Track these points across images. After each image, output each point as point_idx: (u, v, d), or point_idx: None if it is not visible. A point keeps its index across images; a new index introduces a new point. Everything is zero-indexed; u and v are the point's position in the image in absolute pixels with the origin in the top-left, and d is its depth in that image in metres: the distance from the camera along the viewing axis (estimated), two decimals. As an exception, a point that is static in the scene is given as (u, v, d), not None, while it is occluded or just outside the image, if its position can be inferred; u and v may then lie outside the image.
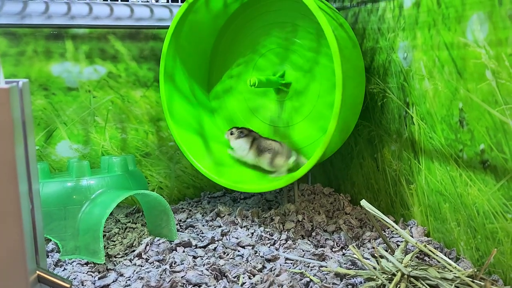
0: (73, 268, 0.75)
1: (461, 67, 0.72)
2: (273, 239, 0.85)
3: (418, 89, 0.82)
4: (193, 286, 0.69)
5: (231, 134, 0.98)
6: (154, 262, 0.77)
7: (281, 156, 0.93)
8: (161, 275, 0.71)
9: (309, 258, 0.78)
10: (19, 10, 0.97)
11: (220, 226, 0.92)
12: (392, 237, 0.85)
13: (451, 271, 0.67)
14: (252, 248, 0.82)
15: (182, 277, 0.71)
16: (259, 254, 0.79)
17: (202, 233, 0.90)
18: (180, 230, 0.92)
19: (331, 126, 0.81)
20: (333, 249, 0.82)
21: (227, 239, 0.86)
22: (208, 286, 0.69)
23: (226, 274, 0.72)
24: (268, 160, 0.94)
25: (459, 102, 0.73)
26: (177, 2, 1.08)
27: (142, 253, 0.79)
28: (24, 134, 0.49)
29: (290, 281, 0.69)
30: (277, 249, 0.82)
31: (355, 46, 0.91)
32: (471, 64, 0.70)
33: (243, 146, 0.97)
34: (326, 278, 0.71)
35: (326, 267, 0.73)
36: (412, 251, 0.74)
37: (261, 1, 1.02)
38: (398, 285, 0.64)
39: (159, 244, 0.82)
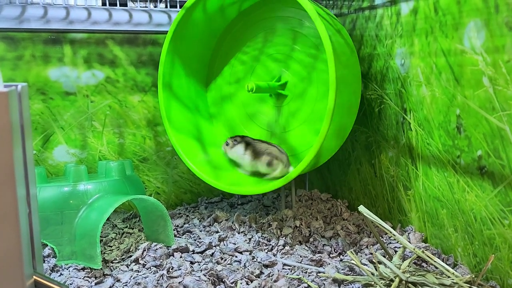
0: (69, 273, 0.75)
1: (458, 74, 0.73)
2: (270, 244, 0.85)
3: (416, 96, 0.83)
4: (190, 292, 0.69)
5: (227, 145, 0.99)
6: (151, 267, 0.76)
7: (279, 161, 0.93)
8: (158, 280, 0.71)
9: (307, 264, 0.78)
10: (18, 15, 0.97)
11: (217, 232, 0.92)
12: (390, 243, 0.85)
13: (449, 277, 0.67)
14: (250, 254, 0.82)
15: (179, 282, 0.70)
16: (256, 259, 0.79)
17: (200, 238, 0.89)
18: (178, 235, 0.92)
19: (324, 126, 0.80)
20: (331, 255, 0.82)
21: (224, 245, 0.86)
22: (205, 292, 0.69)
23: (223, 280, 0.71)
24: (265, 162, 0.93)
25: (456, 109, 0.74)
26: (176, 7, 1.09)
27: (139, 259, 0.79)
28: (22, 138, 0.49)
29: (288, 287, 0.69)
30: (274, 255, 0.82)
31: (352, 53, 0.91)
32: (468, 71, 0.71)
33: (238, 152, 0.97)
34: (324, 284, 0.71)
35: (324, 273, 0.73)
36: (410, 257, 0.74)
37: (260, 8, 1.03)
38: (396, 291, 0.64)
39: (156, 249, 0.81)
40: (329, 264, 0.77)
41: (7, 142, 0.43)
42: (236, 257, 0.80)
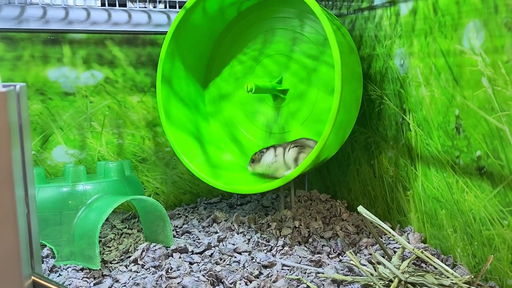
0: (68, 274, 0.74)
1: (458, 74, 0.73)
2: (269, 245, 0.85)
3: (415, 96, 0.83)
4: (189, 292, 0.69)
5: (253, 162, 0.96)
6: (150, 268, 0.76)
7: (310, 148, 0.91)
8: (157, 281, 0.71)
9: (306, 265, 0.78)
10: (17, 15, 0.97)
11: (216, 232, 0.92)
12: (389, 243, 0.85)
13: (448, 277, 0.67)
14: (249, 254, 0.82)
15: (178, 283, 0.70)
16: (255, 260, 0.79)
17: (199, 239, 0.89)
18: (177, 236, 0.92)
19: (327, 127, 0.80)
20: (330, 256, 0.81)
21: (223, 245, 0.85)
22: (204, 292, 0.69)
23: (222, 280, 0.71)
24: (295, 152, 0.91)
25: (455, 109, 0.74)
26: (175, 8, 1.09)
27: (138, 259, 0.79)
28: (21, 138, 0.48)
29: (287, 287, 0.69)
30: (273, 255, 0.82)
31: (353, 52, 0.91)
32: (468, 71, 0.71)
33: (270, 158, 0.94)
34: (323, 284, 0.71)
35: (323, 274, 0.73)
36: (409, 257, 0.74)
37: (260, 9, 1.03)
38: (395, 292, 0.64)
39: (155, 250, 0.81)
40: (328, 264, 0.77)
41: (6, 142, 0.42)
42: (235, 257, 0.80)
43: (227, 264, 0.77)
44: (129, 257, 0.81)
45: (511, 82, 0.63)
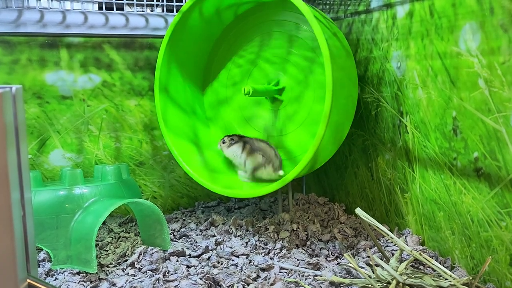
0: (64, 278, 0.74)
1: (454, 76, 0.73)
2: (267, 248, 0.84)
3: (412, 98, 0.83)
4: (186, 296, 0.68)
5: (223, 143, 0.98)
6: (147, 271, 0.76)
7: (270, 165, 0.93)
8: (154, 284, 0.70)
9: (304, 267, 0.77)
10: (14, 19, 0.97)
11: (214, 236, 0.92)
12: (387, 245, 0.84)
13: (446, 279, 0.67)
14: (247, 257, 0.81)
15: (175, 286, 0.70)
16: (253, 263, 0.79)
17: (196, 242, 0.89)
18: (174, 239, 0.91)
19: (320, 128, 0.80)
20: (328, 258, 0.81)
21: (221, 249, 0.85)
22: (201, 296, 0.68)
23: (220, 283, 0.71)
24: (257, 161, 0.94)
25: (452, 111, 0.74)
26: (172, 11, 1.09)
27: (135, 263, 0.79)
28: (17, 140, 0.48)
29: (285, 290, 0.69)
30: (271, 258, 0.81)
31: (348, 56, 0.92)
32: (464, 73, 0.71)
33: (236, 152, 0.97)
34: (321, 287, 0.70)
35: (321, 276, 0.73)
36: (407, 259, 0.74)
37: (256, 12, 1.03)
38: (393, 294, 0.63)
39: (153, 253, 0.81)
40: (326, 267, 0.77)
41: (1, 144, 0.42)
42: (232, 260, 0.80)
43: (225, 267, 0.77)
44: (126, 260, 0.80)
45: (508, 83, 0.63)
